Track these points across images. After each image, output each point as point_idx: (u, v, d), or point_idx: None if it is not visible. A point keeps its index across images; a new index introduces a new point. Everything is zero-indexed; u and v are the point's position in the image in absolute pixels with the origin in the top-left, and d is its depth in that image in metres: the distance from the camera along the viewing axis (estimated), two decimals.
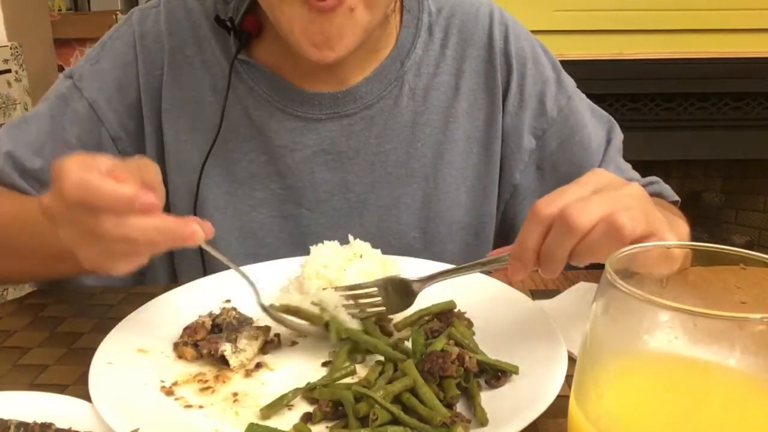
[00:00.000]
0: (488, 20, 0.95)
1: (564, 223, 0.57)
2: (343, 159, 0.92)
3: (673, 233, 0.58)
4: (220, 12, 0.92)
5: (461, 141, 0.94)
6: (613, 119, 0.99)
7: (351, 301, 0.67)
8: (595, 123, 0.97)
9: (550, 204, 0.59)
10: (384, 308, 0.68)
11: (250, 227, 0.92)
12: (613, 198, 0.58)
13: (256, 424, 0.53)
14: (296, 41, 0.79)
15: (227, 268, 0.80)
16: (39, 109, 0.92)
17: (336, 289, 0.67)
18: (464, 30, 0.95)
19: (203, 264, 0.92)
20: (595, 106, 1.00)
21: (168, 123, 0.92)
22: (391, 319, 0.67)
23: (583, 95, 0.99)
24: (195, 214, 0.91)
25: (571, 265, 0.92)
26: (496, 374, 0.58)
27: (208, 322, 0.67)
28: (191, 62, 0.92)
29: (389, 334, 0.65)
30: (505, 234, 1.00)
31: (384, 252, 0.75)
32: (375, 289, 0.67)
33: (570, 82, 0.98)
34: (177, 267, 0.97)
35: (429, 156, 0.94)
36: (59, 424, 0.52)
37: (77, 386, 0.61)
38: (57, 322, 0.75)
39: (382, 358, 0.62)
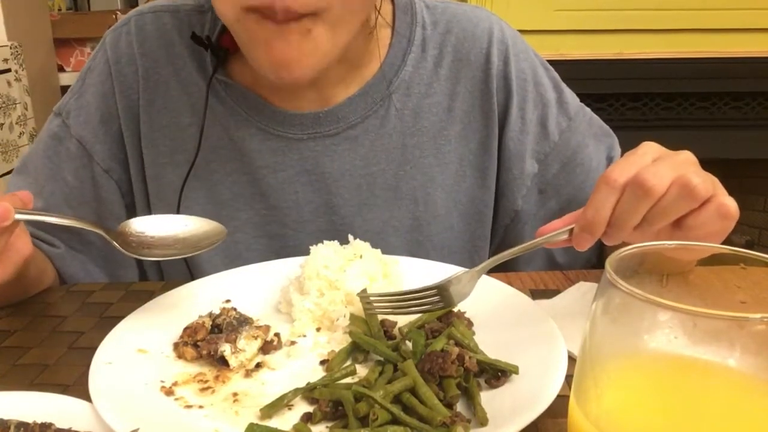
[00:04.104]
0: (486, 39, 0.91)
1: (639, 188, 0.59)
2: (328, 180, 0.89)
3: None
4: (195, 25, 0.90)
5: (454, 164, 0.92)
6: (612, 133, 0.97)
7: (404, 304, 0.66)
8: (596, 141, 0.94)
9: (623, 172, 0.60)
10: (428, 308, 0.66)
11: (234, 248, 0.91)
12: (676, 163, 0.61)
13: (256, 424, 0.53)
14: (254, 61, 0.77)
15: (223, 269, 0.81)
16: (35, 149, 0.93)
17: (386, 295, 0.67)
18: (460, 49, 0.91)
19: (188, 268, 0.92)
20: (597, 119, 0.96)
21: (147, 147, 0.91)
22: (395, 324, 0.67)
23: (587, 109, 0.96)
24: None
25: (580, 260, 0.90)
26: (496, 374, 0.58)
27: (208, 322, 0.67)
28: (167, 83, 0.90)
29: (393, 338, 0.65)
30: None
31: None
32: (434, 290, 0.66)
33: (572, 100, 0.94)
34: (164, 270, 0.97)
35: (419, 179, 0.91)
36: (59, 424, 0.52)
37: (77, 386, 0.61)
38: (57, 322, 0.75)
39: (382, 358, 0.62)
